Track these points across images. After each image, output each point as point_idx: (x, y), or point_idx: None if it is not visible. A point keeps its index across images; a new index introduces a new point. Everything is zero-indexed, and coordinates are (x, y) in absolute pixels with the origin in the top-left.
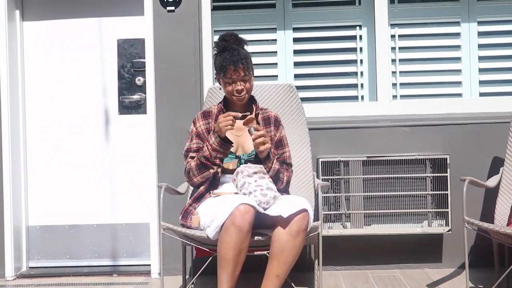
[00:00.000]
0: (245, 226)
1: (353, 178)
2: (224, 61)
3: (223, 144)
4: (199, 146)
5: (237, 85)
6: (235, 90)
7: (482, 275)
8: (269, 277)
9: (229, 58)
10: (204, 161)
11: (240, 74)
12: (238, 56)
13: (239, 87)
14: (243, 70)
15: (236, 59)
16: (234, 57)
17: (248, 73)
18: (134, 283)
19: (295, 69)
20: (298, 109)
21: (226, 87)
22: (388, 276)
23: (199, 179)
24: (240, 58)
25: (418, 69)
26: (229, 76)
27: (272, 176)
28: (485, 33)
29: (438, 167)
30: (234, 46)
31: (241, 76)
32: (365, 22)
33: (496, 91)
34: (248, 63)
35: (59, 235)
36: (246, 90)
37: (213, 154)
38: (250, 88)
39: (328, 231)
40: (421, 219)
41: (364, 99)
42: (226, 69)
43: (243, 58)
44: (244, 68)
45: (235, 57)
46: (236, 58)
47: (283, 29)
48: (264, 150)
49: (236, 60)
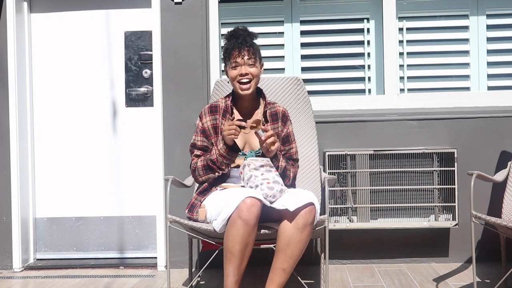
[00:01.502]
0: (251, 219)
1: (359, 171)
2: (230, 45)
3: (230, 152)
4: (203, 144)
5: (242, 69)
6: (239, 74)
7: (489, 269)
8: (275, 271)
9: (234, 42)
10: (211, 164)
11: (244, 57)
12: (244, 41)
13: (243, 70)
14: (248, 53)
15: (241, 42)
16: (239, 41)
17: (254, 57)
18: (140, 276)
19: (302, 62)
20: (305, 102)
21: (231, 72)
22: (395, 270)
23: (204, 178)
24: (245, 42)
25: (426, 63)
26: (234, 59)
27: (280, 173)
28: (494, 26)
29: (446, 161)
30: (242, 33)
31: (245, 60)
32: (373, 15)
33: (505, 84)
34: (254, 49)
35: (66, 227)
36: (252, 75)
37: (219, 159)
38: (256, 76)
39: (334, 225)
40: (428, 213)
41: (372, 93)
42: (231, 52)
43: (248, 42)
44: (249, 52)
45: (241, 41)
46: (241, 41)
47: (290, 21)
48: (275, 150)
49: (241, 43)
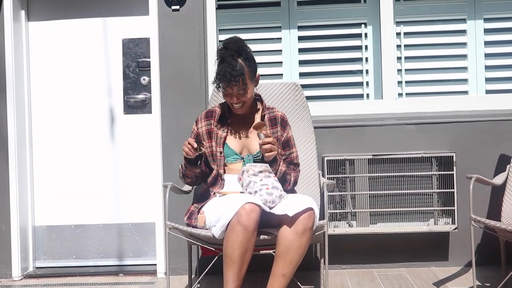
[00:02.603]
0: (251, 225)
1: (358, 176)
2: (219, 74)
3: (187, 163)
4: None
5: (233, 99)
6: (231, 101)
7: (489, 273)
8: (275, 276)
9: (223, 73)
10: (180, 168)
11: (234, 90)
12: (234, 72)
13: (234, 99)
14: (237, 86)
15: (229, 76)
16: (228, 73)
17: (243, 88)
18: (140, 283)
19: (300, 67)
20: (303, 108)
21: (223, 95)
22: (395, 275)
23: (182, 180)
24: (234, 75)
25: (424, 67)
26: (223, 90)
27: (279, 178)
28: (491, 30)
29: (444, 165)
30: (233, 59)
31: (235, 92)
32: (370, 20)
33: (503, 88)
34: (244, 79)
35: (65, 235)
36: (242, 102)
37: (183, 168)
38: (249, 99)
39: (334, 230)
40: (427, 217)
41: (370, 97)
42: (221, 82)
43: (237, 75)
44: (237, 85)
45: (229, 74)
46: (230, 75)
47: (288, 27)
48: (270, 156)
49: (230, 78)
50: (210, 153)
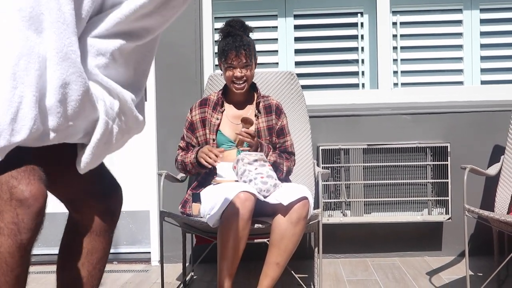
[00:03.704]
0: (245, 213)
1: (353, 166)
2: (227, 46)
3: (197, 166)
4: (187, 140)
5: (237, 71)
6: (234, 76)
7: (482, 263)
8: (269, 265)
9: (232, 44)
10: (184, 165)
11: (242, 61)
12: (241, 42)
13: (238, 73)
14: (245, 56)
15: (238, 45)
16: (237, 43)
17: (250, 60)
18: (134, 271)
19: (296, 56)
20: (298, 97)
21: (226, 72)
22: (388, 264)
23: (180, 172)
24: (242, 44)
25: (420, 57)
26: (230, 61)
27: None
28: (487, 20)
29: (439, 155)
30: (238, 33)
31: (242, 63)
32: (366, 9)
33: (498, 79)
34: (250, 50)
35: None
36: (246, 77)
37: (189, 166)
38: (251, 77)
39: (328, 219)
40: (421, 207)
41: (365, 87)
42: (227, 54)
43: (245, 44)
44: (246, 55)
45: (238, 43)
46: (239, 44)
47: (284, 16)
48: (238, 144)
49: (239, 46)
50: (204, 141)
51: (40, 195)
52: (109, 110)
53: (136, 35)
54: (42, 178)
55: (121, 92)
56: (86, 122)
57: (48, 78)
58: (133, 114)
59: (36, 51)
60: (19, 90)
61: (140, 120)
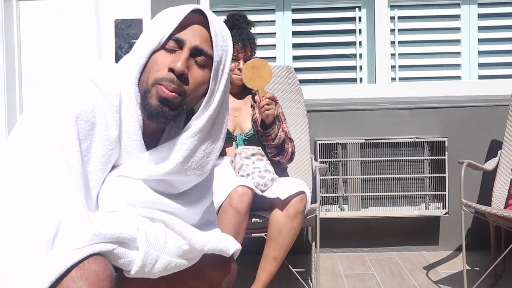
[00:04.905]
0: (242, 208)
1: (351, 160)
2: (233, 37)
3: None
4: None
5: (240, 64)
6: (237, 68)
7: (479, 257)
8: (267, 259)
9: (239, 36)
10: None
11: (247, 54)
12: (248, 36)
13: (242, 66)
14: (250, 50)
15: (245, 38)
16: (244, 36)
17: (254, 54)
18: None
19: (294, 50)
20: (296, 91)
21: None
22: (385, 259)
23: None
24: (249, 38)
25: (418, 52)
26: (236, 53)
27: (278, 144)
28: (485, 15)
29: (436, 150)
30: (244, 26)
31: (246, 56)
32: (364, 3)
33: (496, 74)
34: (254, 45)
35: None
36: None
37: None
38: None
39: (325, 214)
40: (418, 201)
41: (363, 82)
42: (233, 45)
43: (251, 38)
44: (251, 49)
45: (245, 36)
46: (245, 37)
47: (282, 10)
48: (269, 115)
49: (245, 39)
50: None
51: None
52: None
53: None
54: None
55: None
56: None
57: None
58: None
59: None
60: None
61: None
